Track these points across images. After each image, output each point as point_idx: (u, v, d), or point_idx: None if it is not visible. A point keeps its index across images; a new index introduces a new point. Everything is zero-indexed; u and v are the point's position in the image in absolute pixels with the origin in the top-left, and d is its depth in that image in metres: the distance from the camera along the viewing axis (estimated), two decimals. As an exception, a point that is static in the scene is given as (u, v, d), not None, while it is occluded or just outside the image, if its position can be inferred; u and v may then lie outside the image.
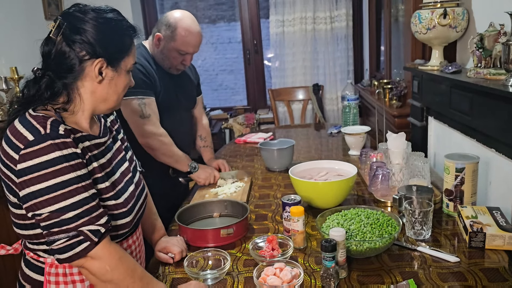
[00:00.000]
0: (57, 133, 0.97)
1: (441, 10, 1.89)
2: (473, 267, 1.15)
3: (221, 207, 1.60)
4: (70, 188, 0.96)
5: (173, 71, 1.90)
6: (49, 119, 0.99)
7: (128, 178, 1.19)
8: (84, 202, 0.98)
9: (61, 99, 1.05)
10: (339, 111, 4.19)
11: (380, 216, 1.32)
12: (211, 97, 4.78)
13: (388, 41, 3.30)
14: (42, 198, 0.94)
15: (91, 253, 0.98)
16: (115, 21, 1.07)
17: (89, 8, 1.06)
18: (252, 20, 4.34)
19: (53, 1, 3.44)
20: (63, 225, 0.95)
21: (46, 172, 0.94)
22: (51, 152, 0.94)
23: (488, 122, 1.50)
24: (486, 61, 1.59)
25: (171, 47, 1.80)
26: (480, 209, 1.37)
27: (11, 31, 2.87)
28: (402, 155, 1.69)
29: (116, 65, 1.08)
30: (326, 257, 1.07)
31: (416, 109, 2.25)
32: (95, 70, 1.04)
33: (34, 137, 0.95)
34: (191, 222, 1.53)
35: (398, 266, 1.18)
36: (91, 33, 1.02)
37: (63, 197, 0.95)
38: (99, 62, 1.04)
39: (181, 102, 1.98)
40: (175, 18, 1.79)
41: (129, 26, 1.11)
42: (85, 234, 0.97)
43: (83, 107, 1.07)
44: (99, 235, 0.98)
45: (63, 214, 0.95)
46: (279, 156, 2.07)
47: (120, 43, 1.08)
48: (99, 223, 0.99)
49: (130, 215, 1.13)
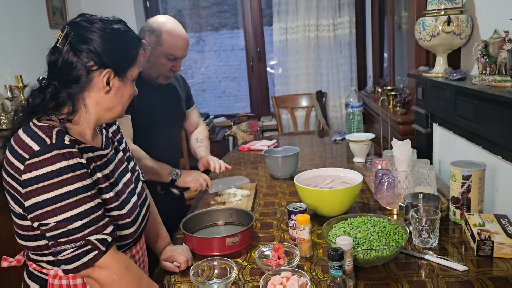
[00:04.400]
0: (63, 143, 0.97)
1: (445, 17, 1.89)
2: (482, 276, 1.14)
3: (226, 215, 1.60)
4: (76, 197, 0.96)
5: (161, 80, 1.80)
6: (54, 129, 0.99)
7: (130, 189, 1.19)
8: (91, 212, 0.97)
9: (66, 109, 1.05)
10: (343, 118, 4.19)
11: (386, 224, 1.31)
12: (214, 104, 4.79)
13: (392, 48, 3.30)
14: (49, 208, 0.94)
15: (99, 263, 0.98)
16: (122, 32, 1.09)
17: (96, 18, 1.07)
18: (255, 28, 4.36)
19: (57, 10, 3.47)
20: (70, 235, 0.95)
21: (52, 182, 0.94)
22: (57, 162, 0.94)
23: (494, 129, 1.49)
24: (491, 68, 1.58)
25: (158, 53, 1.72)
26: (488, 216, 1.36)
27: (16, 39, 2.89)
28: (407, 162, 1.68)
29: (123, 75, 1.08)
30: (333, 266, 1.06)
31: (420, 116, 2.24)
32: (103, 81, 1.04)
33: (40, 147, 0.95)
34: (196, 230, 1.53)
35: (405, 275, 1.17)
36: (98, 43, 1.02)
37: (69, 207, 0.95)
38: (107, 73, 1.04)
39: (166, 117, 1.88)
40: (158, 22, 1.73)
41: (135, 37, 1.12)
42: (92, 244, 0.97)
43: (88, 117, 1.07)
44: (106, 244, 0.98)
45: (70, 224, 0.95)
46: (283, 163, 2.06)
47: (127, 54, 1.09)
48: (105, 232, 0.99)
49: (134, 225, 1.13)
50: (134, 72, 1.12)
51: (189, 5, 4.65)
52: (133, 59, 1.10)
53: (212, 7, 4.65)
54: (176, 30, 1.74)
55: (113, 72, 1.05)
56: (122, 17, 1.14)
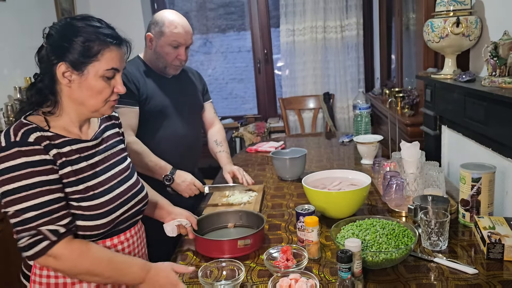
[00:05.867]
0: (26, 141, 1.05)
1: (454, 19, 1.88)
2: (492, 279, 1.13)
3: (236, 218, 1.58)
4: (34, 190, 1.03)
5: (169, 70, 1.87)
6: (25, 127, 1.07)
7: (118, 180, 1.23)
8: (47, 204, 1.05)
9: (48, 103, 1.14)
10: (350, 120, 4.18)
11: (395, 226, 1.30)
12: (221, 106, 4.80)
13: (399, 50, 3.29)
14: (9, 198, 1.04)
15: (51, 252, 1.05)
16: (82, 28, 1.11)
17: (75, 17, 1.14)
18: (262, 29, 4.36)
19: (66, 12, 3.50)
20: (25, 224, 1.03)
21: (13, 175, 1.03)
22: (17, 158, 1.03)
23: (504, 131, 1.48)
24: (500, 69, 1.57)
25: (162, 43, 1.80)
26: (498, 219, 1.35)
27: (25, 41, 2.92)
28: (416, 164, 1.67)
29: (82, 69, 1.11)
30: (342, 268, 1.06)
31: (429, 118, 2.23)
32: (59, 73, 1.10)
33: (5, 143, 1.05)
34: (206, 232, 1.53)
35: (414, 278, 1.17)
36: (55, 38, 1.10)
37: (26, 199, 1.03)
38: (61, 65, 1.09)
39: (181, 106, 1.94)
40: (161, 15, 1.83)
41: (101, 33, 1.12)
42: (43, 234, 1.04)
43: (66, 110, 1.15)
44: (58, 234, 1.05)
45: (24, 214, 1.03)
46: (291, 165, 2.06)
47: (82, 48, 1.09)
48: (59, 224, 1.06)
49: (106, 217, 1.16)
50: (100, 68, 1.11)
51: (196, 7, 4.67)
52: (93, 54, 1.10)
53: (219, 9, 4.66)
54: (177, 19, 1.82)
55: (69, 66, 1.09)
56: (130, 19, 1.16)
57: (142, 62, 1.89)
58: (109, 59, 1.13)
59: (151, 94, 1.83)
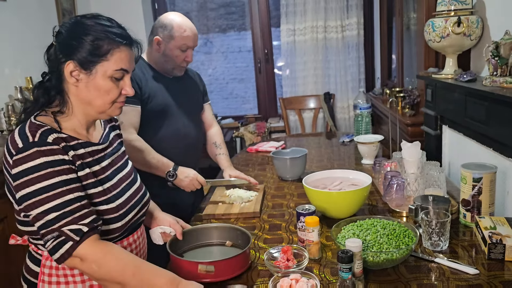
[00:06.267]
0: (45, 141, 1.03)
1: (455, 19, 1.87)
2: (493, 280, 1.13)
3: (233, 236, 1.39)
4: (54, 191, 1.01)
5: (177, 71, 1.92)
6: (42, 128, 1.05)
7: (126, 184, 1.22)
8: (68, 204, 1.02)
9: (56, 102, 1.12)
10: (351, 120, 4.18)
11: (396, 226, 1.30)
12: (221, 106, 4.80)
13: (400, 50, 3.29)
14: (30, 201, 1.01)
15: (76, 253, 1.02)
16: (92, 26, 1.09)
17: (81, 16, 1.13)
18: (263, 29, 4.36)
19: (67, 12, 3.50)
20: (48, 226, 1.01)
21: (32, 177, 1.00)
22: (36, 159, 1.01)
23: (505, 131, 1.48)
24: (502, 69, 1.57)
25: (172, 46, 1.84)
26: (499, 219, 1.34)
27: (26, 41, 2.92)
28: (417, 164, 1.67)
29: (91, 68, 1.09)
30: (342, 268, 1.05)
31: (430, 118, 2.23)
32: (67, 72, 1.09)
33: (23, 144, 1.02)
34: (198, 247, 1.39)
35: (415, 278, 1.16)
36: (64, 36, 1.09)
37: (47, 200, 1.01)
38: (69, 64, 1.08)
39: (183, 106, 1.96)
40: (169, 19, 1.85)
41: (111, 32, 1.10)
42: (65, 234, 1.01)
43: (74, 110, 1.13)
44: (80, 234, 1.02)
45: (46, 215, 1.01)
46: (292, 165, 2.06)
47: (93, 48, 1.08)
48: (82, 223, 1.03)
49: (121, 220, 1.15)
50: (108, 68, 1.10)
51: (196, 7, 4.67)
52: (102, 53, 1.09)
53: (220, 9, 4.66)
54: (185, 23, 1.86)
55: (77, 64, 1.08)
56: (131, 19, 1.15)
57: (145, 63, 1.91)
58: (118, 59, 1.11)
59: (153, 93, 1.85)
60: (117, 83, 1.13)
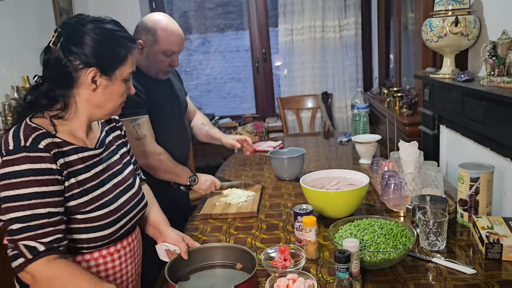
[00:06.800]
0: (36, 147, 1.02)
1: (452, 18, 1.87)
2: (490, 279, 1.13)
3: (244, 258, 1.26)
4: (27, 202, 1.00)
5: (161, 75, 1.83)
6: (37, 131, 1.04)
7: (121, 189, 1.21)
8: (35, 218, 1.00)
9: (58, 106, 1.10)
10: (348, 120, 4.17)
11: (393, 226, 1.30)
12: (219, 105, 4.79)
13: (398, 49, 3.29)
14: (6, 205, 1.01)
15: (29, 270, 1.00)
16: (110, 32, 1.10)
17: (88, 18, 1.11)
18: (260, 29, 4.35)
19: (64, 12, 3.48)
20: (10, 235, 1.00)
21: (13, 181, 1.00)
22: (22, 164, 1.00)
23: (502, 131, 1.48)
24: (499, 69, 1.57)
25: (155, 51, 1.74)
26: (496, 219, 1.34)
27: (23, 41, 2.90)
28: (414, 164, 1.67)
29: (111, 74, 1.11)
30: (340, 268, 1.05)
31: (427, 118, 2.23)
32: (88, 79, 1.08)
33: (14, 146, 1.01)
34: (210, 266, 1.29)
35: (413, 278, 1.16)
36: (85, 43, 1.07)
37: (17, 208, 1.00)
38: (91, 71, 1.08)
39: (175, 109, 1.93)
40: (153, 21, 1.75)
41: (125, 37, 1.13)
42: (20, 249, 1.00)
43: (78, 114, 1.12)
44: (35, 252, 0.99)
45: (11, 224, 1.00)
46: (289, 165, 2.05)
47: (113, 53, 1.10)
48: (41, 241, 1.00)
49: (113, 226, 1.14)
50: (124, 71, 1.13)
51: (194, 6, 4.66)
52: (122, 58, 1.11)
53: (218, 8, 4.65)
54: (170, 27, 1.76)
55: (98, 71, 1.08)
56: (128, 18, 1.16)
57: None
58: (132, 62, 1.15)
59: (149, 98, 1.79)
60: (127, 84, 1.16)
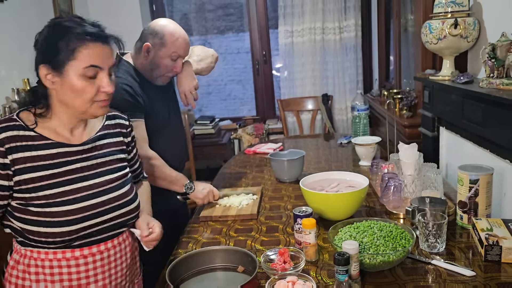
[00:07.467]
0: None
1: (452, 20, 1.88)
2: (490, 281, 1.13)
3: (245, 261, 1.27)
4: None
5: (161, 81, 1.82)
6: (6, 123, 1.09)
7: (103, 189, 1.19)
8: None
9: (41, 106, 1.15)
10: (349, 121, 4.18)
11: (393, 228, 1.30)
12: (219, 107, 4.79)
13: (398, 51, 3.29)
14: None
15: None
16: (61, 28, 1.10)
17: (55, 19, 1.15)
18: (261, 31, 4.36)
19: (65, 13, 3.48)
20: None
21: None
22: None
23: (502, 133, 1.48)
24: (498, 71, 1.57)
25: (162, 54, 1.75)
26: (495, 221, 1.34)
27: (24, 43, 2.91)
28: (414, 166, 1.67)
29: (61, 70, 1.10)
30: (339, 270, 1.05)
31: (427, 119, 2.23)
32: (41, 76, 1.11)
33: None
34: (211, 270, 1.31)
35: (412, 280, 1.16)
36: (39, 42, 1.12)
37: None
38: (42, 68, 1.11)
39: (173, 111, 1.93)
40: (160, 25, 1.76)
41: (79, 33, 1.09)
42: None
43: (58, 114, 1.15)
44: None
45: None
46: (289, 167, 2.06)
47: (57, 49, 1.09)
48: None
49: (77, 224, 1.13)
50: (78, 66, 1.09)
51: (195, 8, 4.67)
52: (69, 52, 1.09)
53: (218, 10, 4.66)
54: (178, 31, 1.78)
55: (50, 68, 1.10)
56: (128, 20, 1.16)
57: (133, 68, 1.80)
58: (86, 57, 1.10)
59: (150, 102, 1.78)
60: (91, 81, 1.12)
